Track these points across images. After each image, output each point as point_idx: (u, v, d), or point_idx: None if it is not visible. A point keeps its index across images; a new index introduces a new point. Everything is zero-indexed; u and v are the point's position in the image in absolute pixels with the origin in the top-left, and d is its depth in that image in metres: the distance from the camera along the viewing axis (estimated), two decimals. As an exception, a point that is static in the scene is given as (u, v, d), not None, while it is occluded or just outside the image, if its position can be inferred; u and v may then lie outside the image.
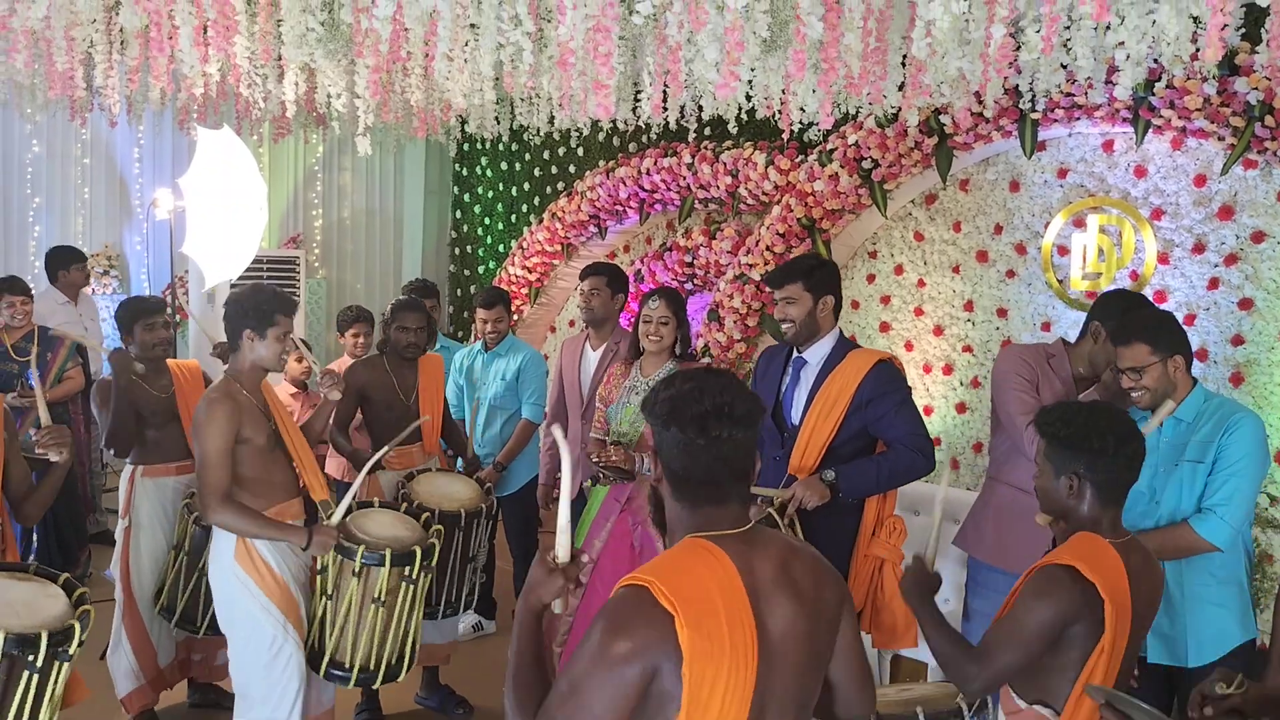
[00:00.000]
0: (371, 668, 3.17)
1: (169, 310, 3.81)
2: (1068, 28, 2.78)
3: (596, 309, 4.34)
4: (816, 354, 3.28)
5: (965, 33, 2.79)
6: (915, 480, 3.26)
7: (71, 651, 2.43)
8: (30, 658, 2.34)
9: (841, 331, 3.36)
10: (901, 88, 3.68)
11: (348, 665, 3.13)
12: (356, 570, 3.04)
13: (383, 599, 3.07)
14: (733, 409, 1.65)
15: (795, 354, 3.32)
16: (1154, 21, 2.72)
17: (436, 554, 3.21)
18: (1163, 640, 2.82)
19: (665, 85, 3.69)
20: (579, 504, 4.23)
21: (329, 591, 3.11)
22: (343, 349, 5.10)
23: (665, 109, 3.68)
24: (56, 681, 2.42)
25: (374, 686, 3.20)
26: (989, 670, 2.15)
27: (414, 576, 3.11)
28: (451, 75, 3.50)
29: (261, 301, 3.15)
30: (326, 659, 3.14)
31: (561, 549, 1.75)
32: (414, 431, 3.95)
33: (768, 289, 3.37)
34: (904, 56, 3.50)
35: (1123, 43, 2.82)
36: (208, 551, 3.45)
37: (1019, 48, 2.80)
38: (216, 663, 3.84)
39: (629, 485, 3.62)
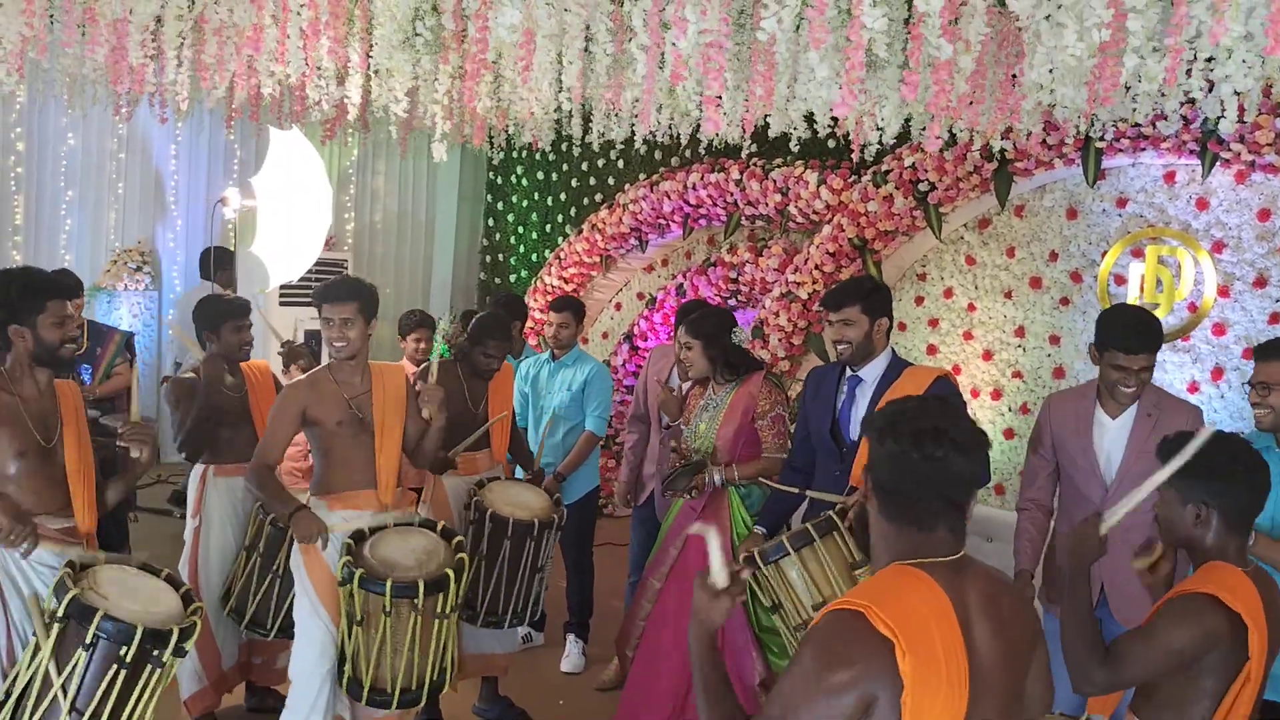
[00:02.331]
0: (414, 688, 3.07)
1: (250, 312, 3.79)
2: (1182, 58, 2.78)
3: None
4: (872, 372, 3.29)
5: (1080, 61, 2.78)
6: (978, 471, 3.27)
7: (187, 648, 2.41)
8: (156, 653, 2.34)
9: (894, 350, 3.38)
10: (970, 105, 3.69)
11: (389, 690, 3.04)
12: (386, 608, 2.94)
13: (360, 619, 2.98)
14: (954, 433, 1.64)
15: (850, 372, 3.33)
16: (1259, 57, 2.73)
17: (453, 589, 3.05)
18: (1275, 680, 2.80)
19: (748, 101, 3.69)
20: (651, 510, 4.22)
21: (359, 618, 3.00)
22: (401, 353, 5.07)
23: (757, 125, 3.68)
24: (166, 679, 2.40)
25: (419, 705, 3.12)
26: (1113, 678, 2.14)
27: (388, 608, 2.96)
28: (535, 84, 3.49)
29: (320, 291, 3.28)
30: (367, 688, 3.03)
31: (718, 573, 1.72)
32: (483, 436, 3.93)
33: (823, 311, 3.36)
34: (995, 80, 3.51)
35: (1229, 75, 2.82)
36: (283, 552, 3.42)
37: (1134, 76, 2.81)
38: (276, 665, 3.80)
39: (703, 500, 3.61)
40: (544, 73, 3.34)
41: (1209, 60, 2.86)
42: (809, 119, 4.24)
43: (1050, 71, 2.64)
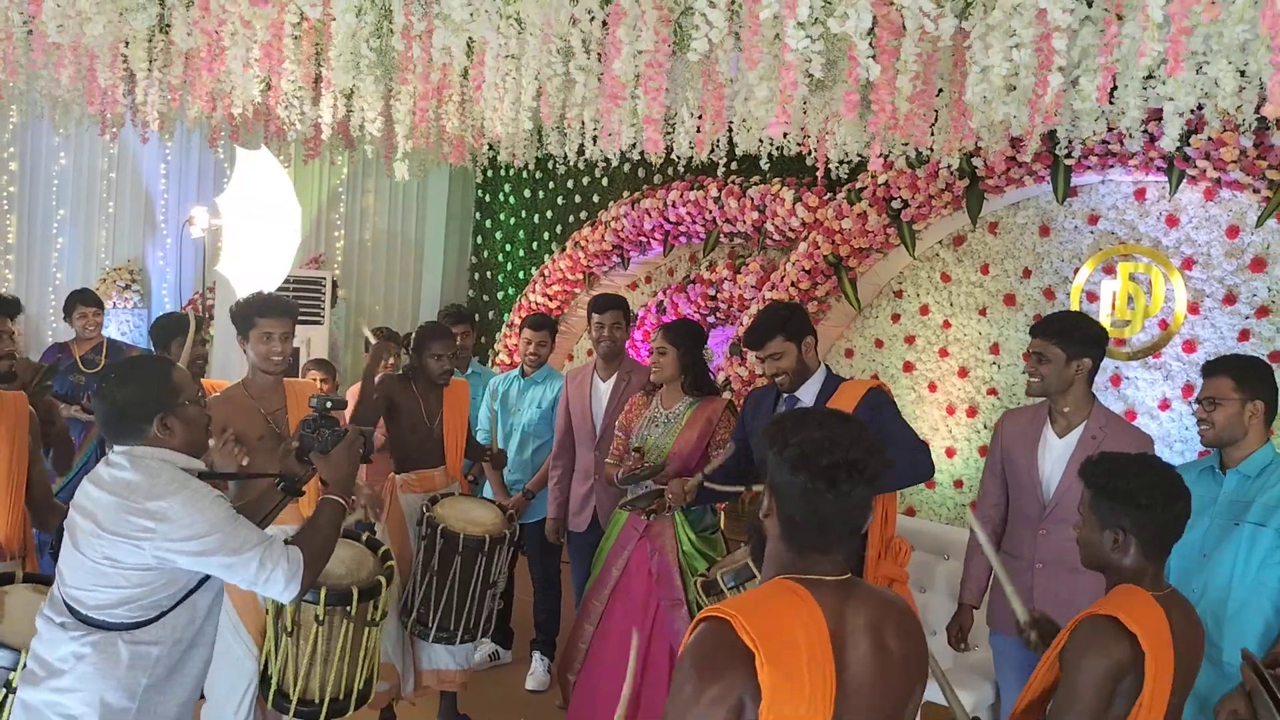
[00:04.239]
0: (342, 697, 3.04)
1: (203, 327, 3.82)
2: (1116, 76, 2.79)
3: (619, 340, 4.34)
4: (808, 392, 3.32)
5: (1015, 79, 2.80)
6: (921, 481, 3.28)
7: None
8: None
9: (827, 366, 3.40)
10: (940, 130, 3.71)
11: (316, 701, 3.01)
12: (320, 617, 2.93)
13: (289, 630, 2.96)
14: (864, 466, 1.64)
15: (787, 395, 3.34)
16: (1199, 71, 2.73)
17: (355, 602, 3.00)
18: (1196, 702, 2.79)
19: (699, 120, 3.72)
20: (594, 535, 4.21)
21: (289, 629, 2.99)
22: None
23: (701, 144, 3.70)
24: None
25: (345, 714, 3.10)
26: None
27: (320, 617, 2.95)
28: (493, 105, 3.52)
29: (246, 305, 3.27)
30: (295, 700, 3.01)
31: None
32: (438, 453, 3.95)
33: (749, 350, 3.38)
34: (947, 99, 3.52)
35: (1171, 95, 2.83)
36: None
37: (1063, 92, 2.82)
38: None
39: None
40: (502, 93, 3.38)
41: (1148, 78, 2.88)
42: (784, 136, 4.28)
43: (983, 92, 2.65)
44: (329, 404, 2.51)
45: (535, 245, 8.22)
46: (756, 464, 3.35)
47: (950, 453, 5.50)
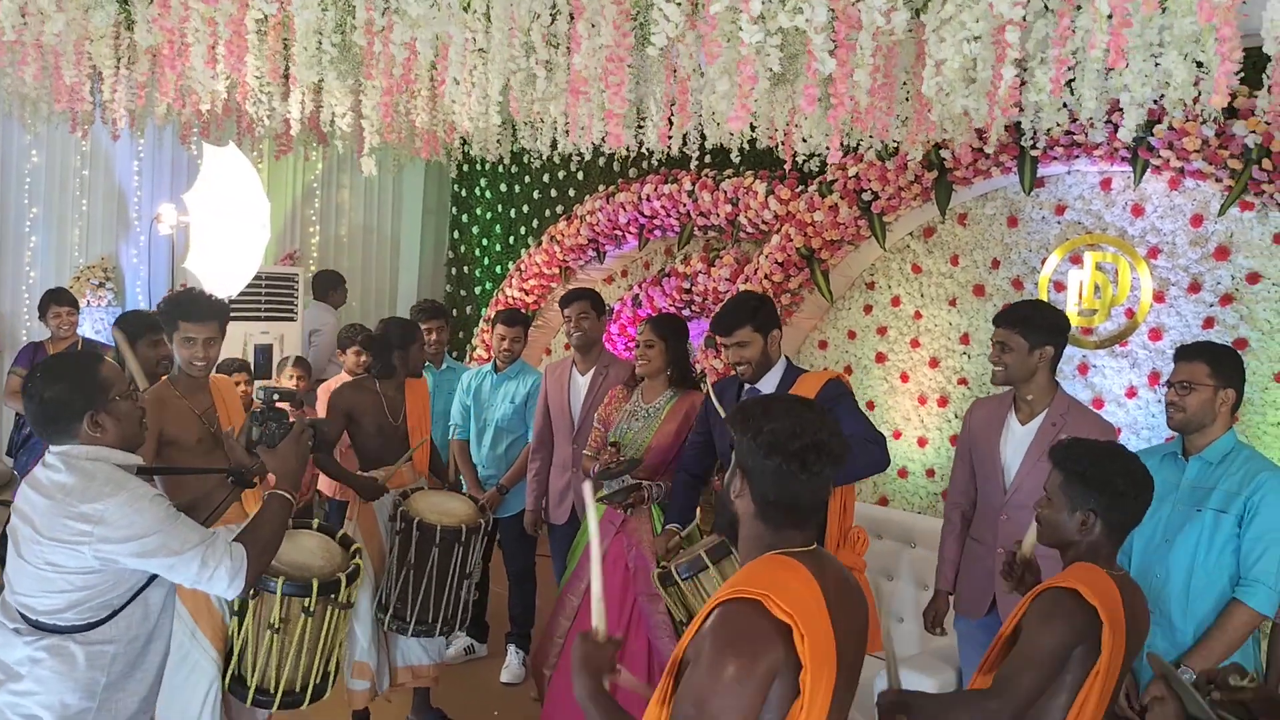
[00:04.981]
0: (297, 689, 3.02)
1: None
2: (1072, 68, 2.82)
3: (589, 331, 4.35)
4: (769, 383, 3.35)
5: (972, 72, 2.83)
6: (875, 472, 3.31)
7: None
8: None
9: (787, 358, 3.42)
10: (904, 122, 3.73)
11: (271, 689, 2.99)
12: (310, 609, 2.90)
13: (277, 626, 2.93)
14: (831, 447, 1.77)
15: (748, 385, 3.37)
16: (1158, 65, 2.77)
17: (343, 591, 2.99)
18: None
19: (670, 114, 3.74)
20: (573, 528, 4.23)
21: (277, 626, 2.94)
22: (341, 366, 5.10)
23: (669, 137, 3.72)
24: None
25: (302, 707, 3.08)
26: (1011, 699, 2.18)
27: (310, 609, 2.92)
28: (459, 99, 3.52)
29: (172, 304, 3.21)
30: (252, 689, 2.99)
31: (599, 621, 1.87)
32: (404, 451, 3.97)
33: (716, 336, 3.40)
34: (908, 92, 3.55)
35: (1127, 86, 2.86)
36: None
37: (1023, 85, 2.85)
38: None
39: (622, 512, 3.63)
40: (469, 88, 3.38)
41: (1109, 70, 2.91)
42: (752, 129, 4.30)
43: (939, 84, 2.67)
44: (276, 396, 2.49)
45: (512, 240, 8.23)
46: (720, 455, 3.38)
47: (922, 442, 5.55)
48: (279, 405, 2.48)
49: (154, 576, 2.22)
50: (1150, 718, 1.84)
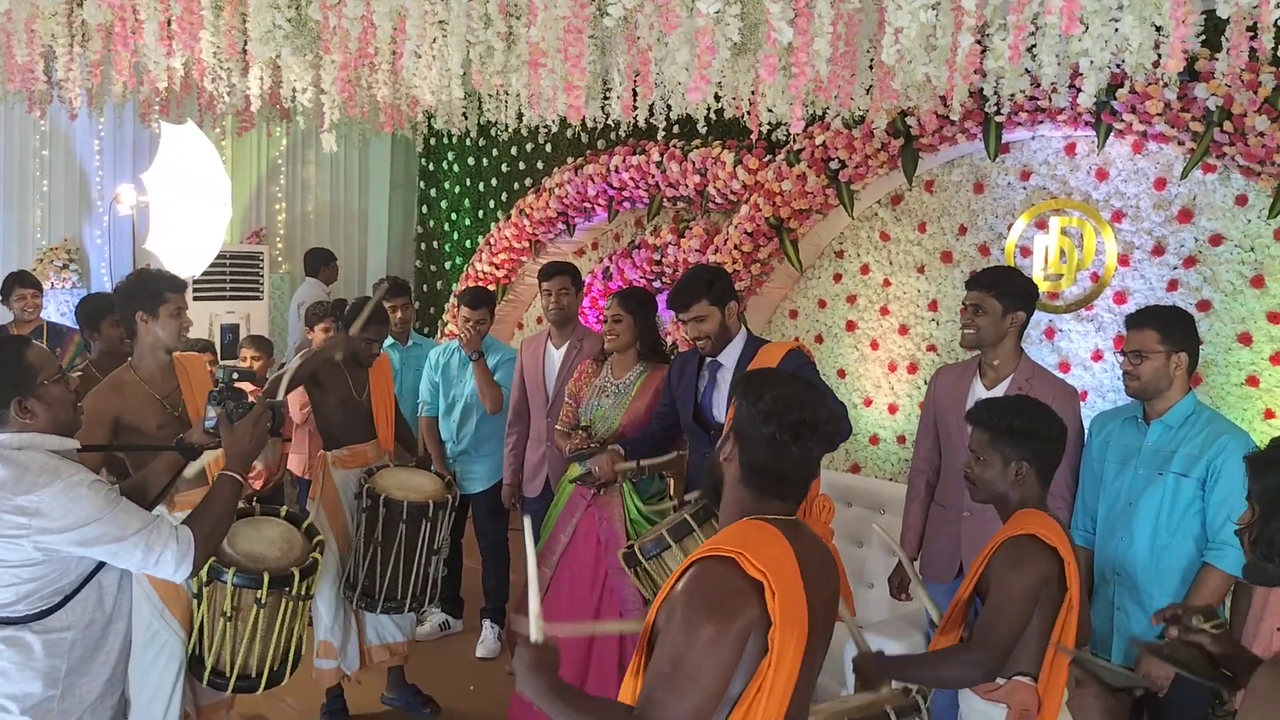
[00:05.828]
0: (253, 675, 3.02)
1: None
2: (1033, 34, 2.82)
3: (568, 307, 4.34)
4: (730, 356, 3.35)
5: (932, 39, 2.82)
6: (840, 441, 3.32)
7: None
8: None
9: (748, 329, 3.42)
10: (869, 91, 3.72)
11: (226, 673, 3.00)
12: (262, 600, 2.90)
13: (230, 614, 2.93)
14: (826, 427, 1.82)
15: (709, 359, 3.37)
16: (1117, 29, 2.77)
17: (297, 584, 2.98)
18: (1131, 645, 2.89)
19: (634, 85, 3.71)
20: (546, 501, 4.24)
21: (228, 614, 2.95)
22: (309, 343, 5.06)
23: (635, 108, 3.69)
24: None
25: (256, 692, 3.08)
26: (991, 649, 2.25)
27: (262, 600, 2.92)
28: (419, 72, 3.48)
29: (149, 282, 3.14)
30: (209, 669, 3.01)
31: (535, 630, 1.83)
32: (369, 427, 3.95)
33: (674, 312, 3.38)
34: (871, 60, 3.54)
35: (1086, 50, 2.86)
36: None
37: (985, 53, 2.84)
38: None
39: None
40: (430, 61, 3.34)
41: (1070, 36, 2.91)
42: (716, 99, 4.27)
43: (898, 51, 2.66)
44: (235, 375, 2.47)
45: (481, 213, 8.17)
46: (684, 427, 3.38)
47: (893, 409, 5.58)
48: (238, 385, 2.45)
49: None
50: (1078, 706, 1.87)
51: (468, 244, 8.28)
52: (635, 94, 3.75)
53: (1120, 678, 1.85)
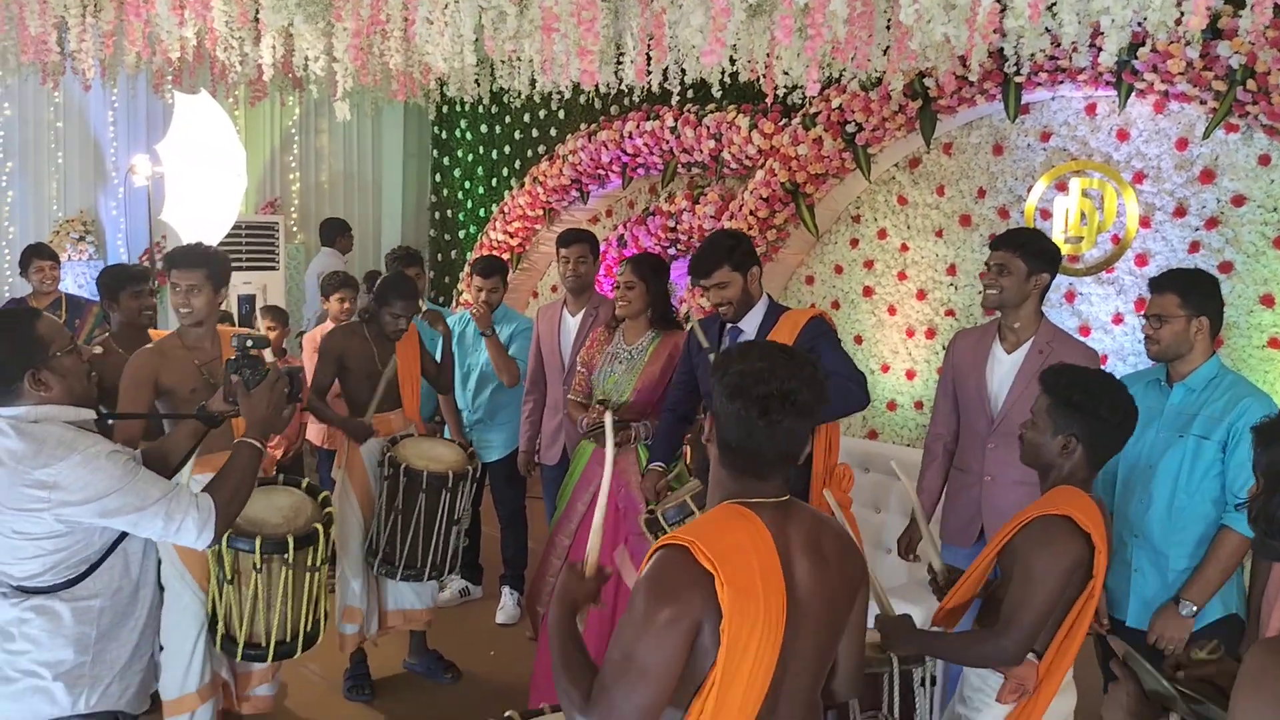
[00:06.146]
0: (289, 639, 3.08)
1: (152, 278, 3.77)
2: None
3: (585, 275, 4.32)
4: (751, 322, 3.32)
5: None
6: (854, 412, 3.30)
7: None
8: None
9: (769, 295, 3.40)
10: (886, 52, 3.67)
11: (264, 644, 3.05)
12: (257, 565, 2.95)
13: (229, 578, 2.98)
14: (797, 397, 1.69)
15: (730, 325, 3.35)
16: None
17: (291, 552, 2.99)
18: (1145, 606, 2.88)
19: (648, 49, 3.67)
20: (563, 469, 4.25)
21: (229, 578, 3.00)
22: (326, 314, 5.07)
23: (649, 72, 3.66)
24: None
25: (294, 656, 3.14)
26: (1020, 632, 2.20)
27: (258, 565, 2.96)
28: (431, 39, 3.45)
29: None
30: (241, 644, 3.05)
31: (592, 559, 1.85)
32: (394, 396, 3.97)
33: (695, 280, 3.35)
34: (889, 20, 3.49)
35: (1107, 8, 2.81)
36: None
37: (1004, 11, 2.80)
38: None
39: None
40: (443, 27, 3.31)
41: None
42: (731, 62, 4.22)
43: (917, 11, 2.62)
44: (250, 343, 2.47)
45: (495, 181, 8.15)
46: (704, 394, 3.38)
47: (910, 375, 5.56)
48: (254, 353, 2.45)
49: None
50: (1109, 699, 1.85)
51: (481, 212, 8.26)
52: (649, 58, 3.71)
53: (1158, 683, 1.81)
